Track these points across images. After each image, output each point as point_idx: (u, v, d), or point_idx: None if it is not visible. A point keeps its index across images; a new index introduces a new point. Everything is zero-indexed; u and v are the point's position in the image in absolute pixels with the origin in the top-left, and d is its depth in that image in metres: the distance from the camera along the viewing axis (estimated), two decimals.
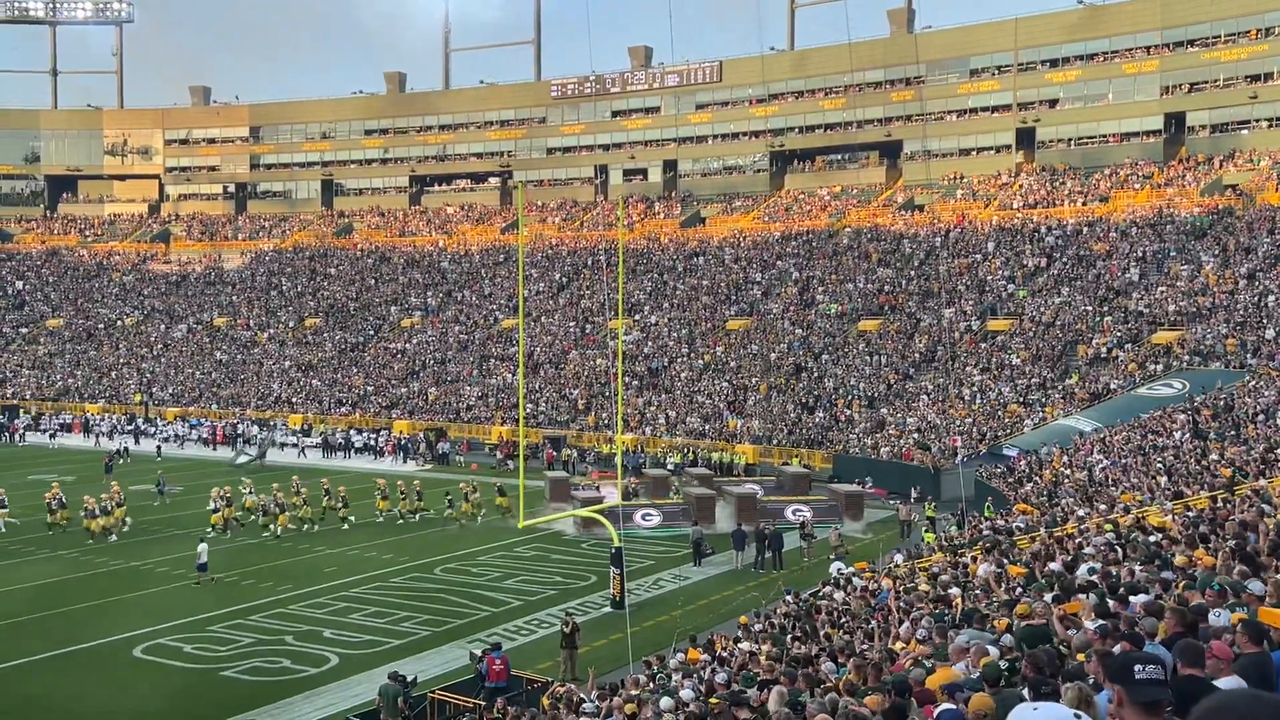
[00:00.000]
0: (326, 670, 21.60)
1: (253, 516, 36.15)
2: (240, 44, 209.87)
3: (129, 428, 60.00)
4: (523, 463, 26.84)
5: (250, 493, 37.00)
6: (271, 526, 34.90)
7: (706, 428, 51.60)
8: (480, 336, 66.45)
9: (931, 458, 41.92)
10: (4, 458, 52.92)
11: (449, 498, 37.28)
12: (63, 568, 30.41)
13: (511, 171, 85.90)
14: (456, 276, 74.64)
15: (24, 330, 79.63)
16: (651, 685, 15.04)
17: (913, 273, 58.53)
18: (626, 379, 55.63)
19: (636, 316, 63.11)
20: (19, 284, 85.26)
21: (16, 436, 60.32)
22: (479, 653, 19.97)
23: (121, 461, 50.52)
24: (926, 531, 30.93)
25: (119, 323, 78.46)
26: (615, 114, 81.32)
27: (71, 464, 49.98)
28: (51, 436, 60.19)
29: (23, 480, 43.25)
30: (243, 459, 51.56)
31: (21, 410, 66.09)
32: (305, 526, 35.71)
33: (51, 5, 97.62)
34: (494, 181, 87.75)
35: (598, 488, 38.54)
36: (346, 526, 35.88)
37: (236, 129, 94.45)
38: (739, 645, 16.16)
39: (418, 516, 36.98)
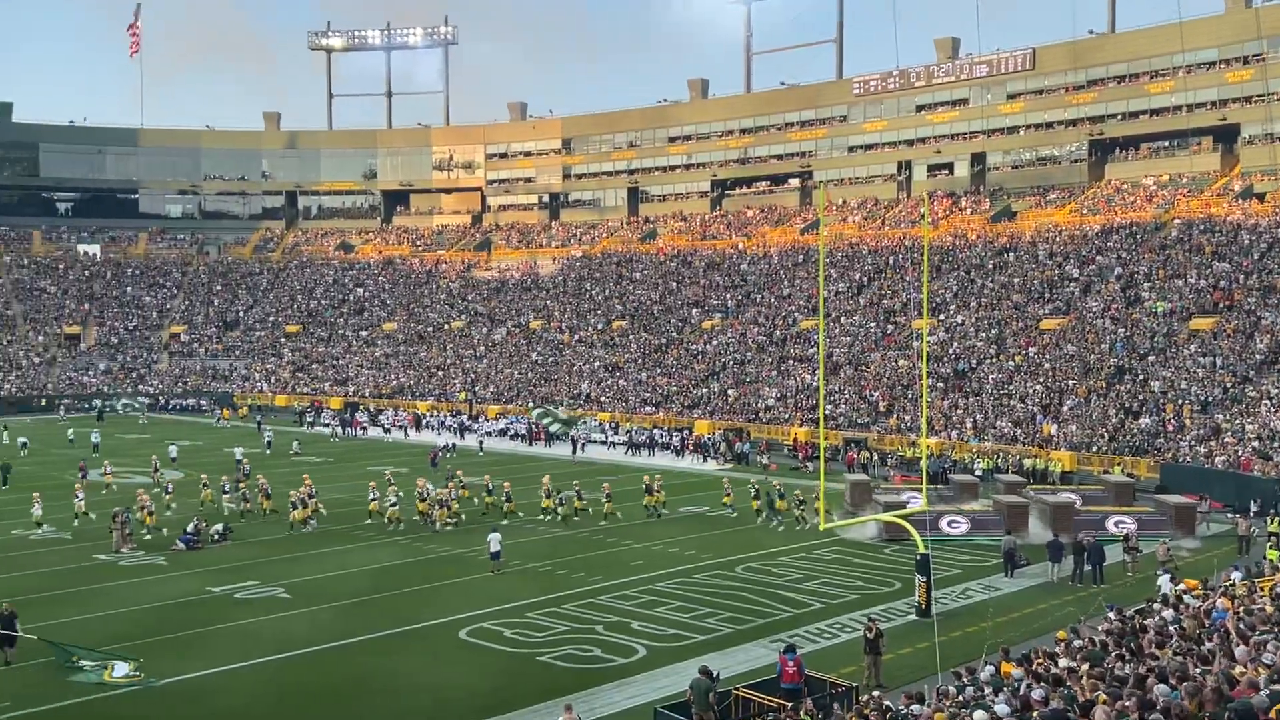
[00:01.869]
0: (635, 661, 22.26)
1: (566, 513, 37.82)
2: (554, 61, 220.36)
3: (455, 424, 64.21)
4: (823, 464, 26.65)
5: (576, 494, 38.61)
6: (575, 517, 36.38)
7: (1018, 433, 49.37)
8: (779, 337, 66.56)
9: (1275, 467, 38.26)
10: (347, 450, 57.94)
11: (753, 494, 37.53)
12: (397, 553, 32.93)
13: (812, 171, 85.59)
14: (756, 278, 75.12)
15: (363, 333, 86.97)
16: (961, 697, 14.55)
17: (1252, 267, 53.66)
18: (931, 381, 54.12)
19: (941, 316, 61.26)
20: (359, 291, 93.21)
21: (358, 431, 65.89)
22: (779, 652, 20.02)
23: (448, 456, 54.16)
24: (1271, 548, 28.24)
25: (446, 326, 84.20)
26: (919, 108, 79.31)
27: (404, 457, 54.03)
28: (387, 431, 65.34)
29: (362, 470, 47.12)
30: (555, 425, 55.15)
31: (361, 407, 72.15)
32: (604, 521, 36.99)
33: (387, 33, 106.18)
34: (794, 182, 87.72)
35: (900, 492, 37.71)
36: (657, 516, 36.83)
37: (550, 141, 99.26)
38: (1057, 661, 15.35)
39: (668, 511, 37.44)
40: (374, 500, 37.56)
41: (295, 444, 57.02)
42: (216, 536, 34.09)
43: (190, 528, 33.98)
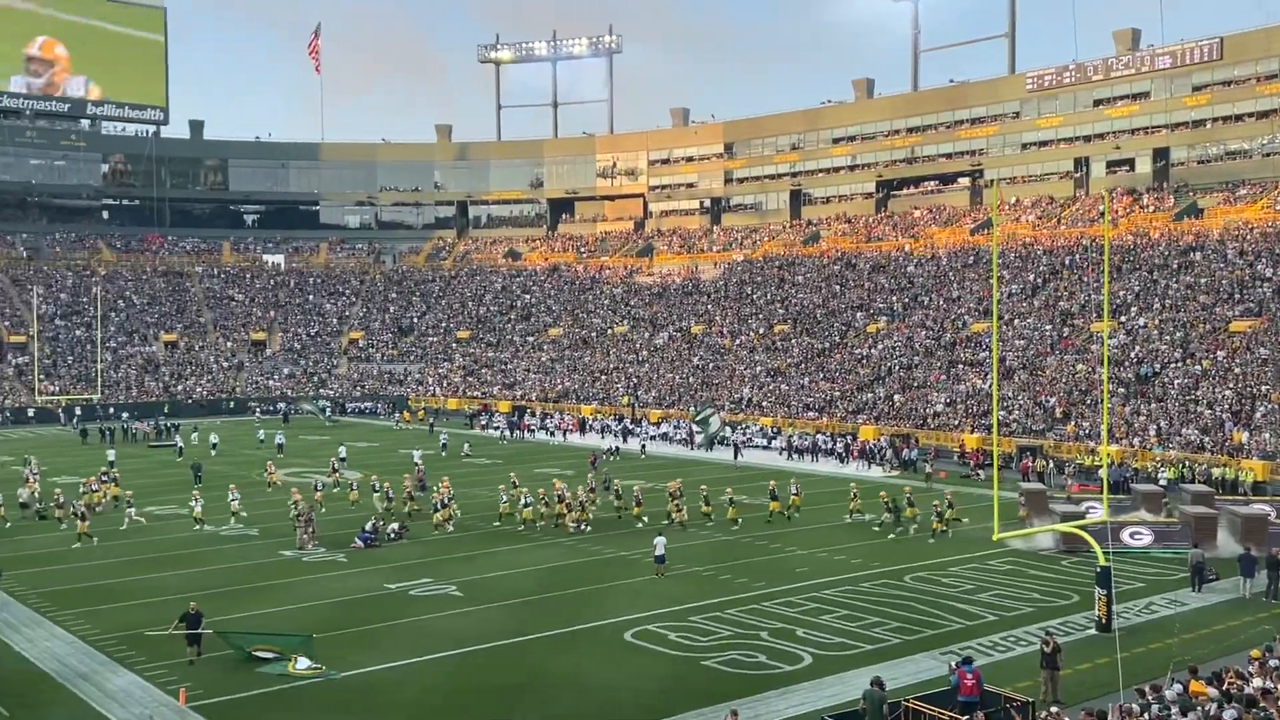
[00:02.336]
0: (801, 669, 22.03)
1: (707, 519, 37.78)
2: (716, 66, 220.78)
3: (618, 428, 64.87)
4: (996, 472, 25.87)
5: (731, 500, 38.57)
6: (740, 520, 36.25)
7: (1206, 440, 46.87)
8: (948, 341, 64.94)
9: None
10: (515, 453, 59.21)
11: (890, 503, 36.69)
12: (564, 553, 33.46)
13: (982, 170, 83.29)
14: (923, 280, 73.50)
15: (530, 339, 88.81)
16: (1146, 716, 13.88)
17: None
18: (1111, 386, 51.89)
19: (1122, 318, 58.70)
20: (526, 297, 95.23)
21: (525, 434, 67.26)
22: (954, 664, 19.50)
23: (612, 460, 54.78)
24: None
25: (609, 331, 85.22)
26: (1097, 103, 76.23)
27: (569, 460, 54.88)
28: (551, 434, 66.48)
29: (529, 473, 48.04)
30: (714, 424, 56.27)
31: (529, 410, 73.65)
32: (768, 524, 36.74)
33: (553, 44, 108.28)
34: (963, 182, 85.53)
35: (1079, 502, 36.25)
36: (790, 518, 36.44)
37: (712, 146, 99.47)
38: (1250, 681, 14.50)
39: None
40: (505, 504, 38.58)
41: (466, 446, 58.56)
42: (393, 535, 35.32)
43: (368, 526, 35.28)
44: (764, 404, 66.26)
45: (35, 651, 23.73)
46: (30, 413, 75.39)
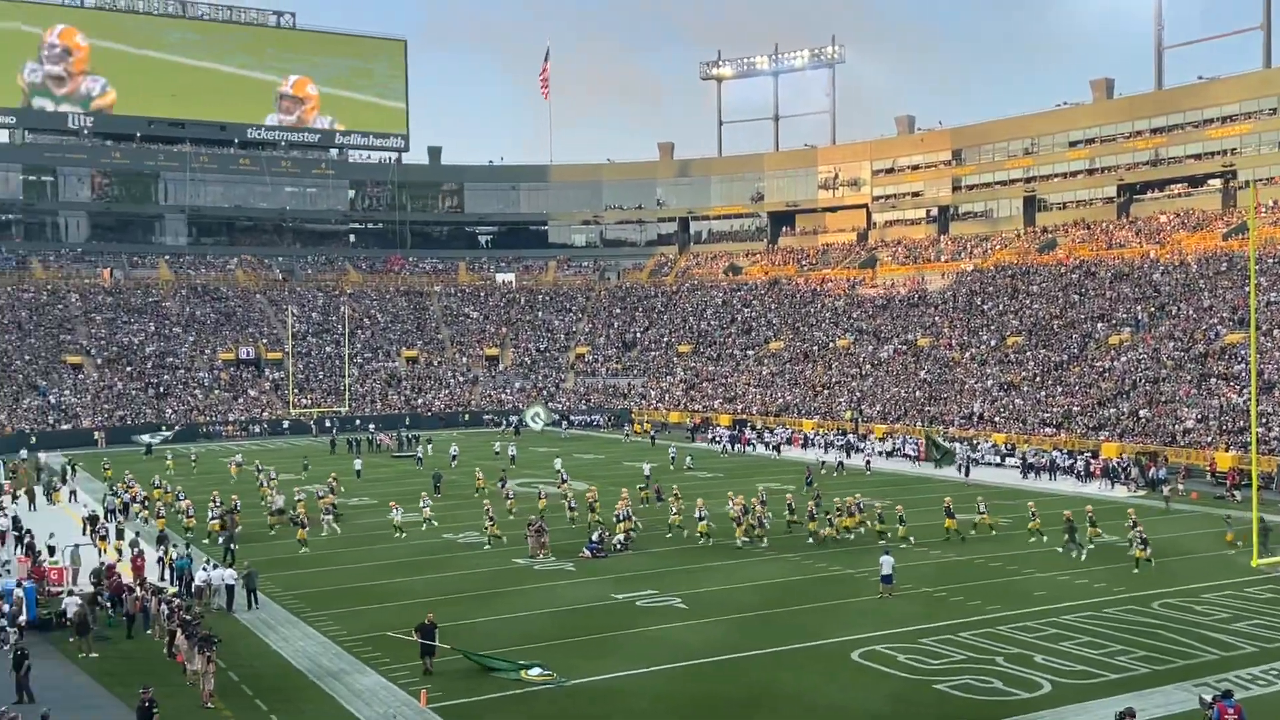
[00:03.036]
0: (1039, 696, 21.07)
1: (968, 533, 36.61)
2: (942, 71, 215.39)
3: (841, 443, 63.91)
4: (1255, 493, 24.06)
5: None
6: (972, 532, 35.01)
7: None
8: (1199, 353, 60.90)
9: None
10: (735, 466, 59.22)
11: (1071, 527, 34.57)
12: (787, 569, 33.18)
13: (1236, 171, 77.89)
14: (1170, 289, 69.26)
15: (751, 352, 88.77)
16: None
17: None
18: None
19: None
20: (746, 311, 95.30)
21: (746, 447, 67.18)
22: (1209, 698, 18.25)
23: (837, 475, 54.03)
24: None
25: (831, 344, 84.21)
26: None
27: (789, 474, 54.45)
28: (776, 449, 66.11)
29: (750, 486, 47.87)
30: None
31: (750, 424, 73.56)
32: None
33: (775, 58, 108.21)
34: (1214, 183, 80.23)
35: None
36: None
37: (939, 153, 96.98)
38: None
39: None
40: (675, 515, 38.99)
41: (688, 459, 59.02)
42: (619, 545, 35.93)
43: (595, 536, 36.03)
44: (996, 419, 63.89)
45: (290, 650, 25.34)
46: (285, 425, 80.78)
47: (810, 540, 36.62)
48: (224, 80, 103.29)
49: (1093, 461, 52.38)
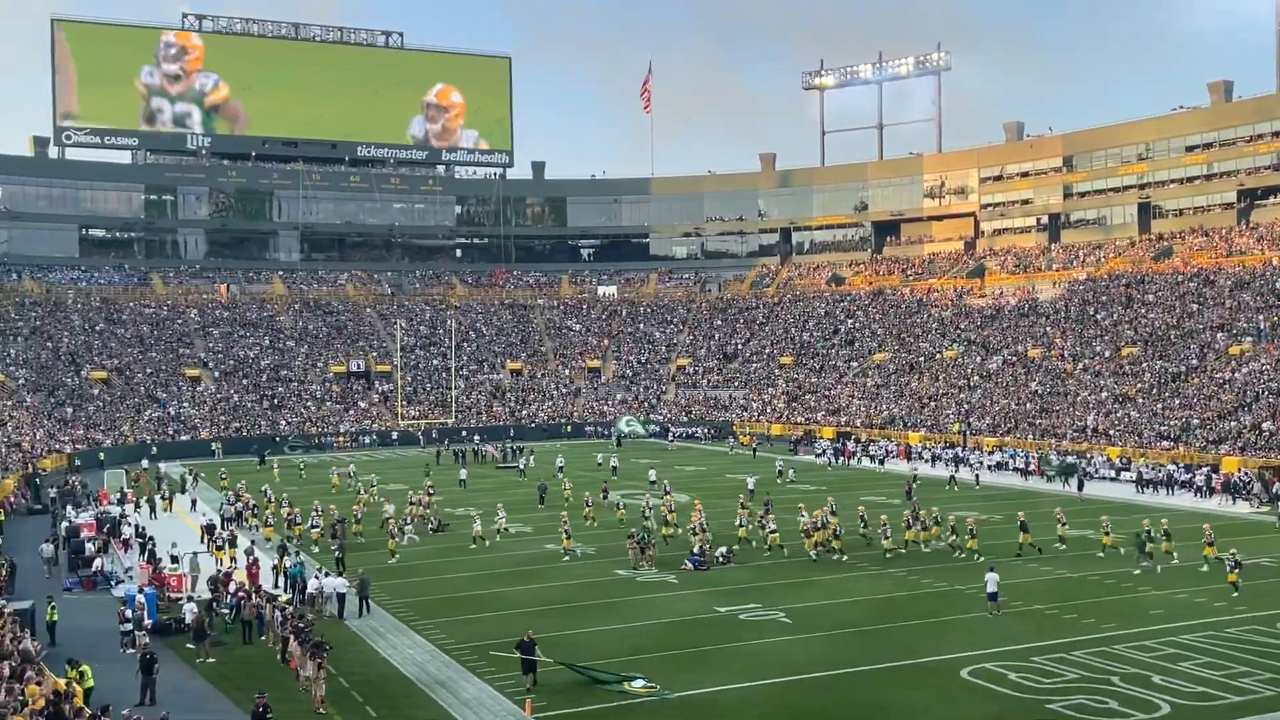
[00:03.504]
0: (1158, 718, 20.38)
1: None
2: (1052, 76, 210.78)
3: (949, 456, 62.73)
4: None
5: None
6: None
7: None
8: None
9: None
10: (838, 479, 58.52)
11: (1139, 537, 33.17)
12: (892, 585, 32.65)
13: None
14: None
15: (854, 364, 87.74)
16: None
17: None
18: None
19: None
20: (849, 322, 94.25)
21: (852, 460, 66.38)
22: None
23: (948, 488, 53.01)
24: None
25: (938, 356, 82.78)
26: None
27: (894, 488, 53.58)
28: (879, 462, 65.21)
29: (855, 499, 47.26)
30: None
31: (854, 436, 72.67)
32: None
33: (878, 66, 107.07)
34: None
35: None
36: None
37: (1049, 160, 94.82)
38: None
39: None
40: (742, 528, 38.80)
41: (791, 472, 58.56)
42: (721, 559, 35.78)
43: (697, 549, 35.92)
44: (1111, 433, 62.06)
45: (399, 658, 25.78)
46: (394, 435, 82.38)
47: (890, 554, 36.30)
48: (336, 98, 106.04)
49: (1214, 476, 50.54)
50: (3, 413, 67.89)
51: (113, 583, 34.03)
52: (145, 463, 65.98)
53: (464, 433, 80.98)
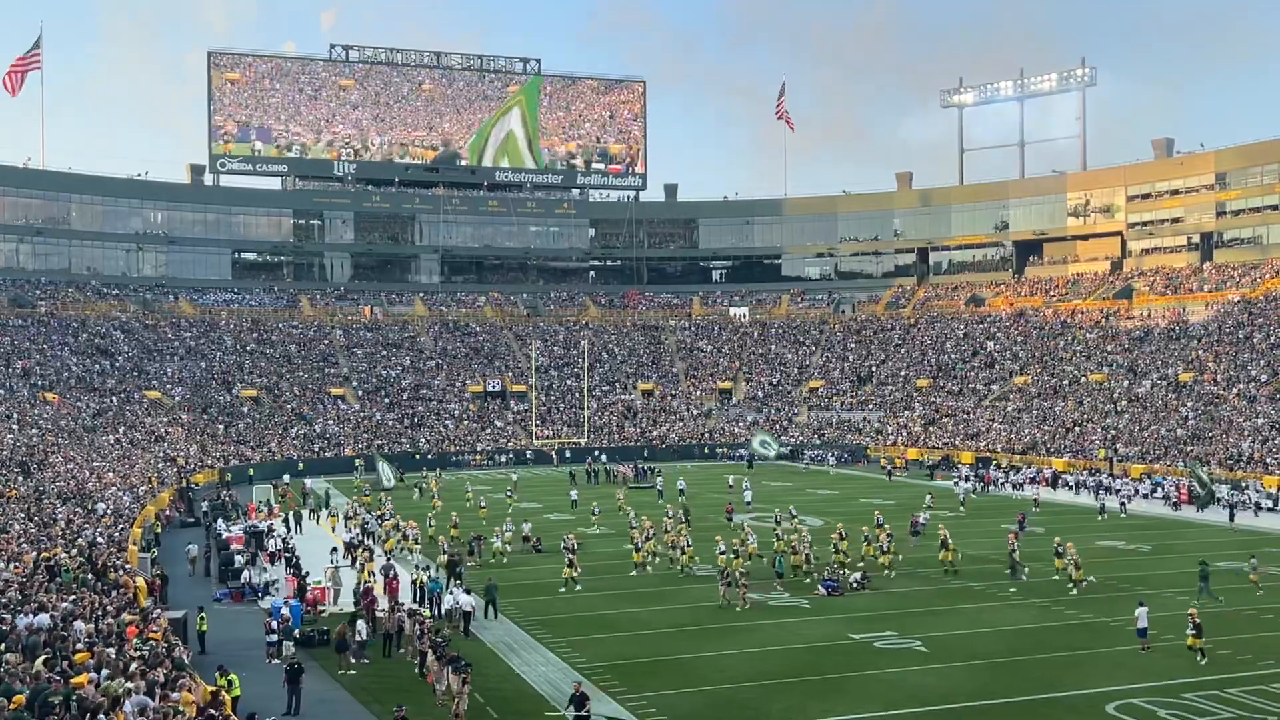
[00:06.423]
0: None
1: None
2: (1205, 92, 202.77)
3: (1093, 483, 60.52)
4: None
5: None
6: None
7: None
8: None
9: None
10: (978, 506, 57.00)
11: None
12: (1034, 615, 31.62)
13: None
14: None
15: (994, 387, 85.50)
16: None
17: None
18: None
19: None
20: (989, 344, 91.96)
21: (991, 487, 64.60)
22: None
23: (1100, 519, 51.10)
24: None
25: (1083, 379, 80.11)
26: None
27: (1032, 514, 51.91)
28: (1015, 488, 63.25)
29: (995, 526, 45.97)
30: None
31: (994, 463, 70.73)
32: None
33: (1020, 83, 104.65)
34: None
35: None
36: None
37: (1201, 177, 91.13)
38: None
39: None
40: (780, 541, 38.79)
41: (928, 498, 57.23)
42: (855, 584, 35.21)
43: (827, 573, 35.42)
44: (1268, 461, 59.08)
45: (532, 674, 26.06)
46: (529, 454, 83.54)
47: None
48: (475, 124, 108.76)
49: None
50: (160, 429, 71.26)
51: (259, 595, 35.24)
52: (287, 477, 68.01)
53: (596, 452, 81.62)
